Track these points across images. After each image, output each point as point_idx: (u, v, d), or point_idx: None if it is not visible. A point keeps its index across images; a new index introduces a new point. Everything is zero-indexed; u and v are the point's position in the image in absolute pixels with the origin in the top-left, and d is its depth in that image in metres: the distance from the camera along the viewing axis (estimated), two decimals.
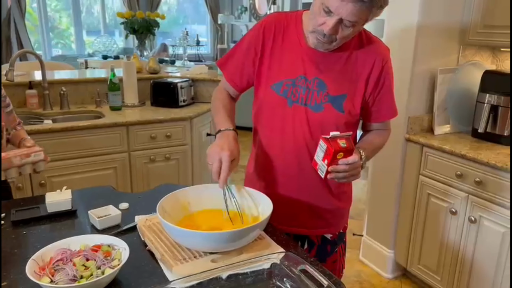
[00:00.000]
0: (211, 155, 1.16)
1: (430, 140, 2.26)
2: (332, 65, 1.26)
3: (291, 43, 1.27)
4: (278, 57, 1.28)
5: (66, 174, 2.40)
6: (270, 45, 1.29)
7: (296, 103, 1.27)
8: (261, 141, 1.37)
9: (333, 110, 1.25)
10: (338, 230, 1.46)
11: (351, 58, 1.26)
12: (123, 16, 4.40)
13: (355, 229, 3.14)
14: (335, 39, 1.16)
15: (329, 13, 1.10)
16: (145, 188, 2.62)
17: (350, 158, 1.12)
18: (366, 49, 1.27)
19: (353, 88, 1.26)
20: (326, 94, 1.25)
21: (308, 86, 1.26)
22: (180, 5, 8.93)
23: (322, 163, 1.14)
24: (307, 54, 1.26)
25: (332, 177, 1.15)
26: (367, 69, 1.26)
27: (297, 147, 1.29)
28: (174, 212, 1.17)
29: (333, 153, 1.10)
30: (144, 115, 2.68)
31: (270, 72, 1.29)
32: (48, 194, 1.35)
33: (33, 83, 2.73)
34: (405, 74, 2.33)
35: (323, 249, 1.44)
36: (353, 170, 1.14)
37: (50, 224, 1.29)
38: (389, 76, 1.30)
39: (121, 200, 1.42)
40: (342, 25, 1.12)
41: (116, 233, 1.21)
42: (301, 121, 1.27)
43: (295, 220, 1.38)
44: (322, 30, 1.14)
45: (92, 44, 6.34)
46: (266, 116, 1.33)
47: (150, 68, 3.21)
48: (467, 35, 2.31)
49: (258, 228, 1.07)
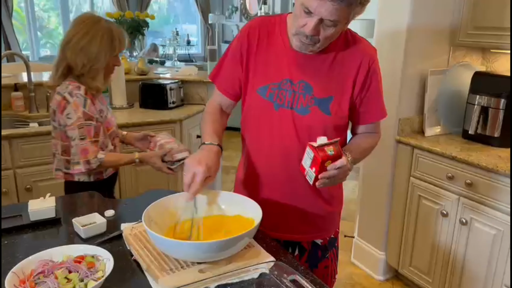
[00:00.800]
0: (187, 166, 1.13)
1: (420, 141, 2.25)
2: (318, 67, 1.24)
3: (276, 47, 1.26)
4: (263, 61, 1.27)
5: (53, 179, 2.33)
6: (255, 50, 1.28)
7: (282, 107, 1.25)
8: (249, 147, 1.35)
9: (320, 112, 1.24)
10: (329, 235, 1.44)
11: (337, 60, 1.24)
12: (112, 16, 4.34)
13: (346, 231, 3.13)
14: (318, 40, 1.14)
15: (309, 14, 1.09)
16: (133, 192, 2.57)
17: (338, 162, 1.11)
18: (352, 50, 1.25)
19: (340, 90, 1.25)
20: (312, 97, 1.23)
21: (294, 89, 1.24)
22: (171, 4, 8.87)
23: (310, 170, 1.13)
24: (292, 57, 1.24)
25: (321, 184, 1.13)
26: (354, 70, 1.24)
27: (285, 152, 1.27)
28: (161, 220, 1.14)
29: (320, 162, 1.09)
30: (132, 117, 2.63)
31: (256, 76, 1.28)
32: (31, 201, 1.32)
33: (19, 85, 2.68)
34: (395, 75, 2.32)
35: (314, 255, 1.42)
36: (341, 173, 1.13)
37: (33, 233, 1.25)
38: (376, 77, 1.28)
39: (107, 207, 1.39)
40: (323, 25, 1.11)
41: (101, 242, 1.18)
42: (288, 125, 1.25)
43: (286, 226, 1.36)
44: (304, 32, 1.13)
45: None
46: (253, 121, 1.32)
47: (139, 70, 3.17)
48: (457, 36, 2.31)
49: (247, 236, 1.04)
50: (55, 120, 1.70)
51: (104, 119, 1.76)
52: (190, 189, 1.11)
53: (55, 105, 1.68)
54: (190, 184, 1.11)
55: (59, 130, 1.70)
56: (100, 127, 1.73)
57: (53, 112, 1.70)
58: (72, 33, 1.68)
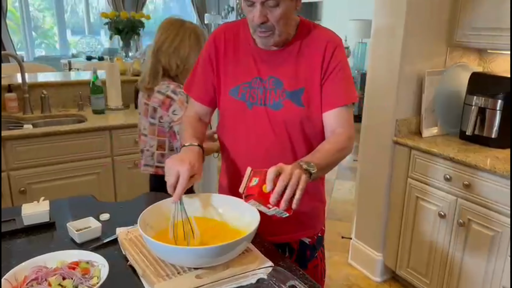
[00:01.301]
0: (170, 167, 1.11)
1: (418, 142, 2.24)
2: (285, 61, 1.25)
3: (243, 48, 1.28)
4: (232, 63, 1.29)
5: (47, 181, 2.33)
6: (223, 54, 1.30)
7: (256, 105, 1.26)
8: (228, 150, 1.35)
9: (293, 105, 1.24)
10: (316, 232, 1.43)
11: (302, 51, 1.25)
12: (107, 16, 4.32)
13: (343, 232, 3.13)
14: (273, 26, 1.15)
15: (252, 4, 1.12)
16: (129, 194, 2.55)
17: (267, 178, 0.98)
18: (316, 39, 1.26)
19: (310, 80, 1.24)
20: (283, 91, 1.24)
21: (264, 86, 1.25)
22: (166, 4, 8.84)
23: (272, 209, 0.99)
24: (259, 55, 1.26)
25: (294, 204, 0.98)
26: (319, 58, 1.24)
27: (264, 150, 1.26)
28: (157, 224, 1.12)
29: (262, 197, 0.97)
30: (128, 118, 2.61)
31: (227, 79, 1.30)
32: (25, 205, 1.29)
33: (13, 86, 2.65)
34: (392, 76, 2.31)
35: (302, 255, 1.42)
36: (289, 177, 0.97)
37: (27, 237, 1.23)
38: (341, 59, 1.25)
39: (102, 210, 1.37)
40: (268, 7, 1.12)
41: (96, 246, 1.16)
42: (263, 122, 1.26)
43: (272, 227, 1.32)
44: (255, 24, 1.15)
45: (76, 45, 6.23)
46: (229, 123, 1.33)
47: (134, 70, 3.14)
48: (454, 37, 2.30)
49: (245, 241, 1.02)
50: (155, 117, 1.81)
51: None
52: (176, 189, 1.09)
53: (156, 103, 1.78)
54: (174, 185, 1.09)
55: (157, 126, 1.81)
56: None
57: (152, 110, 1.80)
58: (162, 38, 1.82)
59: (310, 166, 1.04)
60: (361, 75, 6.20)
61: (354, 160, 4.69)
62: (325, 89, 1.24)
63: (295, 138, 1.26)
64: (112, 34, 4.47)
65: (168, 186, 1.10)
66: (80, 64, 5.04)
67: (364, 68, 6.31)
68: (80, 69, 4.60)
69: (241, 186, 1.03)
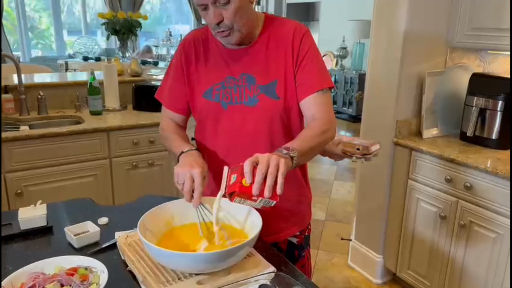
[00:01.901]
0: (181, 174, 1.09)
1: (418, 144, 2.23)
2: (255, 57, 1.25)
3: (213, 51, 1.29)
4: (203, 68, 1.30)
5: (44, 183, 2.30)
6: (193, 60, 1.30)
7: (231, 104, 1.26)
8: (208, 154, 1.33)
9: (268, 98, 1.24)
10: (304, 228, 1.43)
11: (271, 45, 1.26)
12: (104, 16, 4.29)
13: (343, 234, 3.11)
14: (231, 25, 1.15)
15: (205, 8, 1.14)
16: (127, 196, 2.53)
17: (245, 168, 0.96)
18: (282, 29, 1.27)
19: (282, 71, 1.24)
20: (256, 86, 1.24)
21: (237, 84, 1.26)
22: (163, 4, 8.81)
23: (257, 201, 0.97)
24: (229, 55, 1.27)
25: (279, 190, 0.95)
26: (288, 46, 1.24)
27: (243, 147, 1.24)
28: (157, 229, 1.10)
29: (244, 190, 0.95)
30: (126, 119, 2.59)
31: (199, 83, 1.30)
32: (21, 209, 1.27)
33: (9, 87, 2.62)
34: (392, 77, 2.29)
35: (291, 255, 1.41)
36: (272, 166, 0.95)
37: (24, 242, 1.21)
38: (310, 45, 1.25)
39: (101, 214, 1.35)
40: (220, 6, 1.12)
41: (94, 251, 1.14)
42: (240, 120, 1.26)
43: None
44: (213, 25, 1.16)
45: (73, 45, 6.19)
46: (206, 126, 1.32)
47: (132, 71, 3.12)
48: (454, 37, 2.29)
49: (247, 246, 1.00)
50: None
51: None
52: (194, 194, 1.08)
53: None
54: (192, 190, 1.07)
55: None
56: None
57: None
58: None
59: (289, 151, 1.04)
60: (359, 75, 6.19)
61: (353, 161, 4.68)
62: (298, 77, 1.24)
63: (275, 131, 1.26)
64: (109, 34, 4.44)
65: (186, 192, 1.08)
66: (77, 65, 5.01)
67: (362, 68, 6.31)
68: (77, 69, 4.57)
69: (221, 188, 1.02)
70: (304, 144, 1.10)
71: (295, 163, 1.04)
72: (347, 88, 6.42)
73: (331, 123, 1.21)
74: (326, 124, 1.19)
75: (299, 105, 1.26)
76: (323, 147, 1.20)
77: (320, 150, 1.19)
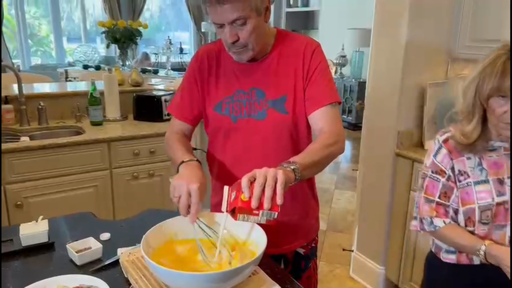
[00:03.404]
0: (177, 187, 1.07)
1: (420, 154, 2.22)
2: (265, 71, 1.27)
3: (224, 66, 1.31)
4: (214, 81, 1.32)
5: (44, 194, 2.28)
6: (206, 73, 1.32)
7: (240, 117, 1.27)
8: (216, 166, 1.36)
9: (277, 113, 1.25)
10: (311, 239, 1.43)
11: (281, 60, 1.27)
12: (104, 25, 4.30)
13: (344, 244, 3.10)
14: (245, 43, 1.17)
15: (221, 26, 1.15)
16: (127, 207, 2.51)
17: (242, 184, 0.96)
18: (293, 44, 1.28)
19: (292, 87, 1.25)
20: (266, 100, 1.26)
21: (247, 98, 1.27)
22: (162, 11, 8.83)
23: (262, 213, 0.96)
24: (239, 69, 1.28)
25: (279, 200, 0.95)
26: (299, 62, 1.25)
27: (252, 161, 1.22)
28: (160, 247, 1.08)
29: (245, 205, 0.95)
30: (126, 130, 2.58)
31: (210, 96, 1.32)
32: (23, 225, 1.26)
33: (9, 98, 2.61)
34: (394, 88, 2.29)
35: (297, 266, 1.42)
36: (270, 179, 0.95)
37: (25, 259, 1.20)
38: (320, 60, 1.26)
39: (102, 229, 1.34)
40: (237, 27, 1.14)
41: (97, 269, 1.12)
42: (249, 133, 1.27)
43: (270, 240, 1.31)
44: (229, 43, 1.18)
45: (73, 53, 6.20)
46: (216, 139, 1.34)
47: (132, 81, 3.11)
48: (455, 48, 2.29)
49: (252, 264, 0.99)
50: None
51: (463, 185, 1.32)
52: (191, 210, 1.06)
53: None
54: (188, 206, 1.06)
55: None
56: (454, 189, 1.32)
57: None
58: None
59: (290, 164, 1.04)
60: (358, 83, 6.20)
61: (353, 169, 4.68)
62: (308, 92, 1.25)
63: (283, 145, 1.27)
64: (109, 43, 4.45)
65: (181, 207, 1.07)
66: (77, 73, 5.00)
67: (361, 76, 6.32)
68: (77, 78, 4.56)
69: (222, 207, 1.01)
70: (307, 157, 1.10)
71: (298, 176, 1.03)
72: (347, 96, 6.42)
73: (338, 137, 1.21)
74: (332, 138, 1.19)
75: (308, 118, 1.26)
76: (330, 160, 1.19)
77: (327, 163, 1.18)
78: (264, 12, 1.18)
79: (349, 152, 5.33)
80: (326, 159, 1.17)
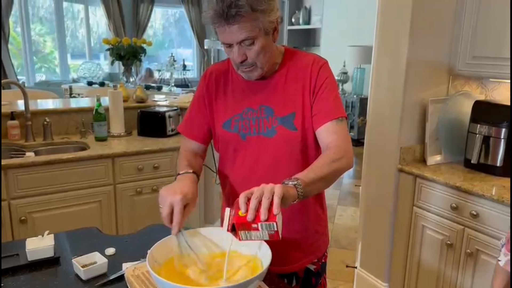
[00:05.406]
0: (163, 197, 1.10)
1: (423, 170, 2.23)
2: (274, 88, 1.28)
3: (233, 84, 1.33)
4: (223, 99, 1.34)
5: (48, 209, 2.29)
6: (214, 92, 1.34)
7: (249, 135, 1.29)
8: (227, 183, 1.37)
9: (286, 130, 1.26)
10: (321, 255, 1.43)
11: (289, 77, 1.29)
12: (109, 42, 4.36)
13: (348, 260, 3.08)
14: (254, 62, 1.19)
15: (229, 45, 1.17)
16: (131, 222, 2.52)
17: (240, 203, 0.98)
18: (301, 62, 1.30)
19: (300, 103, 1.27)
20: (275, 117, 1.27)
21: (256, 115, 1.28)
22: (166, 29, 8.96)
23: (261, 227, 0.96)
24: (248, 87, 1.30)
25: (276, 210, 0.95)
26: (306, 78, 1.27)
27: (261, 178, 1.20)
28: (165, 261, 1.09)
29: (245, 221, 0.96)
30: (130, 146, 2.60)
31: (219, 114, 1.34)
32: (29, 240, 1.26)
33: (15, 114, 2.64)
34: (396, 104, 2.31)
35: (308, 282, 1.42)
36: (267, 192, 0.96)
37: (31, 274, 1.20)
38: (327, 76, 1.27)
39: (108, 244, 1.35)
40: (245, 46, 1.16)
41: (102, 284, 1.13)
42: (258, 151, 1.28)
43: (280, 257, 1.30)
44: (237, 62, 1.20)
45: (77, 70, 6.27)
46: (226, 156, 1.36)
47: (137, 97, 3.15)
48: (456, 65, 2.32)
49: (257, 279, 1.00)
50: None
51: None
52: (173, 220, 1.08)
53: None
54: (169, 216, 1.08)
55: None
56: None
57: None
58: None
59: (291, 180, 1.05)
60: (360, 99, 6.25)
61: (356, 185, 4.67)
62: (315, 107, 1.27)
63: (293, 162, 1.28)
64: (113, 59, 4.51)
65: (163, 218, 1.09)
66: (81, 89, 5.05)
67: (362, 92, 6.37)
68: (81, 94, 4.61)
69: (223, 228, 1.02)
70: (311, 173, 1.10)
71: (300, 191, 1.03)
72: (349, 112, 6.46)
73: (345, 152, 1.19)
74: (338, 153, 1.18)
75: (315, 133, 1.27)
76: (337, 175, 1.18)
77: (333, 178, 1.17)
78: (272, 32, 1.20)
79: (352, 167, 5.32)
80: (332, 174, 1.16)
